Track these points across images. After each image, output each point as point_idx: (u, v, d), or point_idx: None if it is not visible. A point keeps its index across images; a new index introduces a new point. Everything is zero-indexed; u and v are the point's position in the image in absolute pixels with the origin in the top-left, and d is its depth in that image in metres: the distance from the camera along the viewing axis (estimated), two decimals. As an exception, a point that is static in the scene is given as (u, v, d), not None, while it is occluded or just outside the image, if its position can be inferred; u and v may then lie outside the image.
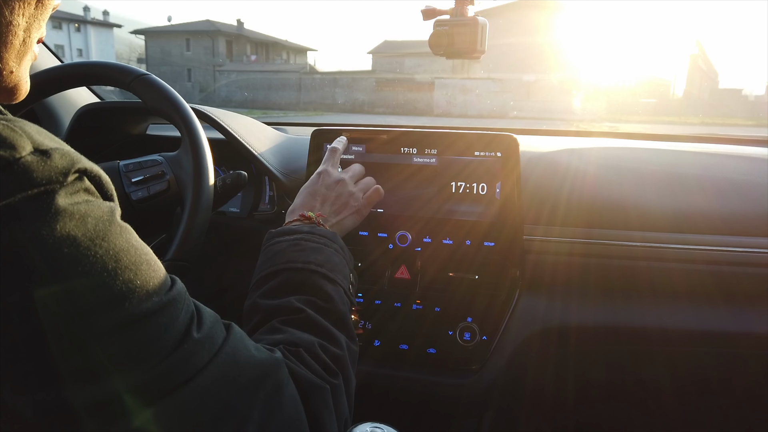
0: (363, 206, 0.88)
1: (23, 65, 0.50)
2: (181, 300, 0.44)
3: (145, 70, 0.90)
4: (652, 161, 1.14)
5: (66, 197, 0.37)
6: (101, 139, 1.18)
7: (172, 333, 0.41)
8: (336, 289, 0.68)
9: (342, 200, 0.86)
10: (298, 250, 0.70)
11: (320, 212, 0.82)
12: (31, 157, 0.36)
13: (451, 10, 0.98)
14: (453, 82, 20.75)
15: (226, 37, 33.20)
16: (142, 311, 0.39)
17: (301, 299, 0.64)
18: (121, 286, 0.39)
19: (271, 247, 0.73)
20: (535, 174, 1.08)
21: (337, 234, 0.77)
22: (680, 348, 1.02)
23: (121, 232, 0.41)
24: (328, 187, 0.86)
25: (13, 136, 0.36)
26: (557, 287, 1.04)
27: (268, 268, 0.69)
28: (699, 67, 25.41)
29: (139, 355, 0.38)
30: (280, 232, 0.75)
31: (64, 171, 0.38)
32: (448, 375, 0.99)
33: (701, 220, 1.01)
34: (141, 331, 0.39)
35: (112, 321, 0.37)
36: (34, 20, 0.48)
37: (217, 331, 0.46)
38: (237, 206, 1.24)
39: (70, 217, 0.37)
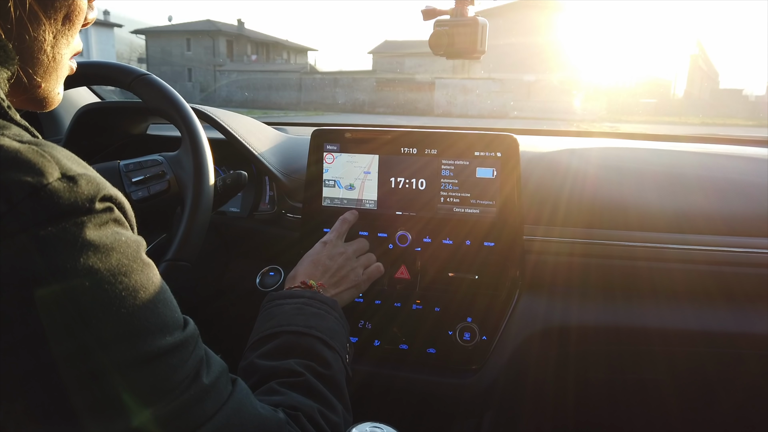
0: (362, 282, 0.91)
1: (53, 79, 0.51)
2: (193, 342, 0.44)
3: (145, 70, 0.90)
4: (653, 161, 1.14)
5: (94, 229, 0.37)
6: (102, 138, 1.18)
7: (182, 375, 0.41)
8: (335, 356, 0.68)
9: (342, 273, 0.88)
10: (300, 314, 0.71)
11: (321, 282, 0.83)
12: (58, 183, 0.36)
13: (451, 11, 0.98)
14: (453, 82, 20.75)
15: (227, 36, 33.20)
16: (155, 350, 0.39)
17: (300, 363, 0.64)
18: (136, 323, 0.38)
19: (272, 309, 0.73)
20: (536, 174, 1.08)
21: (337, 303, 0.78)
22: (681, 348, 1.02)
23: (143, 269, 0.41)
24: (332, 258, 0.88)
25: (42, 162, 0.36)
26: (557, 287, 1.04)
27: (268, 329, 0.69)
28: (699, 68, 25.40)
29: (147, 395, 0.38)
30: (281, 295, 0.76)
31: (91, 198, 0.38)
32: (448, 375, 0.99)
33: (702, 220, 1.01)
34: (151, 370, 0.39)
35: (124, 358, 0.37)
36: (62, 36, 0.49)
37: (224, 382, 0.46)
38: (237, 206, 1.24)
39: (95, 250, 0.37)
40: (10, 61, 0.44)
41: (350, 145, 1.08)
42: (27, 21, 0.45)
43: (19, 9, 0.44)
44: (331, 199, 1.09)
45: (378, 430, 0.75)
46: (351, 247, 0.94)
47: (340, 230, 0.96)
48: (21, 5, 0.44)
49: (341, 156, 1.08)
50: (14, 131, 0.39)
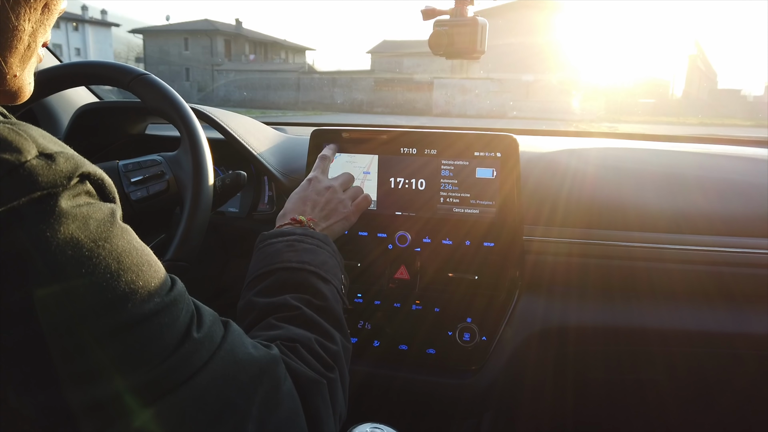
0: (351, 213, 0.90)
1: (27, 69, 0.51)
2: (182, 300, 0.45)
3: (144, 70, 0.89)
4: (651, 162, 1.14)
5: (68, 200, 0.37)
6: (100, 138, 1.17)
7: (173, 333, 0.41)
8: (330, 288, 0.69)
9: (331, 206, 0.87)
10: (293, 251, 0.71)
11: (311, 216, 0.83)
12: (36, 161, 0.36)
13: (450, 11, 0.98)
14: (452, 82, 20.75)
15: (225, 36, 33.17)
16: (144, 312, 0.40)
17: (296, 297, 0.65)
18: (123, 287, 0.39)
19: (265, 248, 0.74)
20: (535, 174, 1.08)
21: (328, 237, 0.79)
22: (679, 348, 1.02)
23: (122, 234, 0.41)
24: (319, 192, 0.88)
25: (19, 140, 0.36)
26: (556, 288, 1.04)
27: (263, 267, 0.70)
28: (698, 68, 25.44)
29: (141, 355, 0.39)
30: (273, 234, 0.76)
31: (68, 175, 0.38)
32: (447, 375, 0.99)
33: (700, 220, 1.01)
34: (143, 332, 0.39)
35: (114, 322, 0.38)
36: (39, 25, 0.49)
37: (216, 330, 0.47)
38: (236, 206, 1.24)
39: (72, 220, 0.37)
40: None
41: (350, 145, 1.08)
42: (9, 9, 0.44)
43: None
44: (331, 199, 1.08)
45: (378, 430, 0.75)
46: (337, 180, 0.92)
47: (322, 167, 0.95)
48: None
49: (341, 156, 1.08)
50: None
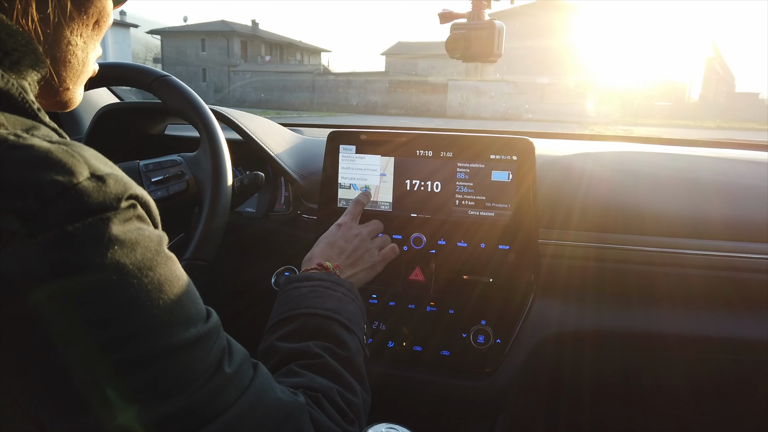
0: (378, 262, 0.91)
1: (79, 82, 0.52)
2: (216, 333, 0.45)
3: (164, 72, 0.91)
4: (669, 166, 1.14)
5: (119, 225, 0.38)
6: (121, 138, 1.19)
7: (205, 366, 0.42)
8: (352, 337, 0.69)
9: (358, 254, 0.88)
10: (318, 297, 0.72)
11: (337, 263, 0.84)
12: (87, 182, 0.37)
13: (467, 14, 0.99)
14: (467, 84, 20.71)
15: (241, 37, 33.40)
16: (179, 342, 0.40)
17: (320, 345, 0.64)
18: (162, 315, 0.39)
19: (290, 292, 0.74)
20: (550, 177, 1.08)
21: (353, 285, 0.79)
22: (699, 354, 1.01)
23: (166, 262, 0.42)
24: (347, 239, 0.89)
25: (72, 162, 0.37)
26: (572, 291, 1.03)
27: (287, 312, 0.70)
28: (715, 71, 25.13)
29: (171, 385, 0.39)
30: (298, 278, 0.77)
31: (118, 196, 0.38)
32: (461, 377, 0.99)
33: (721, 225, 1.00)
34: (176, 361, 0.39)
35: (150, 350, 0.38)
36: (90, 40, 0.51)
37: (245, 368, 0.47)
38: (253, 207, 1.25)
39: (120, 245, 0.38)
40: (40, 65, 0.45)
41: (366, 147, 1.08)
42: (65, 26, 0.46)
43: (58, 14, 0.45)
44: (347, 200, 1.09)
45: (393, 430, 0.75)
46: (366, 228, 0.94)
47: (353, 212, 0.96)
48: (61, 11, 0.45)
49: (357, 158, 1.09)
50: (43, 132, 0.40)
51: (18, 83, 0.42)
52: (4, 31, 0.41)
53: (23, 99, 0.41)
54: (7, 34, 0.41)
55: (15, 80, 0.42)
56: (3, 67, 0.41)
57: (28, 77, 0.44)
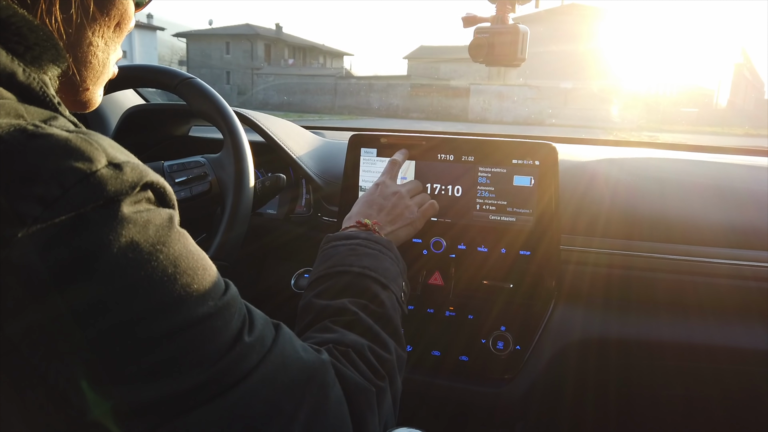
0: (417, 219, 0.91)
1: (99, 83, 0.54)
2: (234, 303, 0.45)
3: (190, 74, 0.92)
4: (696, 173, 1.12)
5: (130, 206, 0.39)
6: (146, 139, 1.21)
7: (225, 337, 0.42)
8: (389, 295, 0.69)
9: (397, 211, 0.88)
10: (355, 255, 0.72)
11: (376, 220, 0.84)
12: (105, 170, 0.38)
13: (491, 18, 0.98)
14: (489, 88, 20.62)
15: (265, 40, 33.74)
16: (199, 315, 0.40)
17: (354, 302, 0.65)
18: (179, 290, 0.40)
19: (329, 251, 0.75)
20: (573, 183, 1.07)
21: (392, 242, 0.79)
22: (731, 366, 0.98)
23: (179, 238, 0.42)
24: (386, 197, 0.89)
25: (90, 150, 0.38)
26: (596, 299, 1.02)
27: (325, 269, 0.71)
28: (744, 77, 24.65)
29: (193, 358, 0.39)
30: (337, 237, 0.77)
31: (134, 183, 0.39)
32: (480, 383, 0.98)
33: (752, 234, 0.98)
34: (196, 334, 0.40)
35: (168, 324, 0.39)
36: (111, 42, 0.52)
37: (267, 333, 0.47)
38: (274, 208, 1.26)
39: (133, 224, 0.38)
40: (61, 59, 0.46)
41: (387, 150, 1.08)
42: (87, 26, 0.47)
43: (81, 15, 0.46)
44: (367, 203, 1.09)
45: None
46: (404, 187, 0.94)
47: (391, 172, 0.96)
48: (84, 11, 0.46)
49: (378, 161, 1.09)
50: (61, 122, 0.41)
51: (39, 77, 0.43)
52: (26, 26, 0.42)
53: (44, 93, 0.42)
54: (29, 29, 0.42)
55: (36, 74, 0.42)
56: (25, 61, 0.42)
57: (49, 72, 0.45)
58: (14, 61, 0.41)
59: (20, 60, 0.42)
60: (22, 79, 0.41)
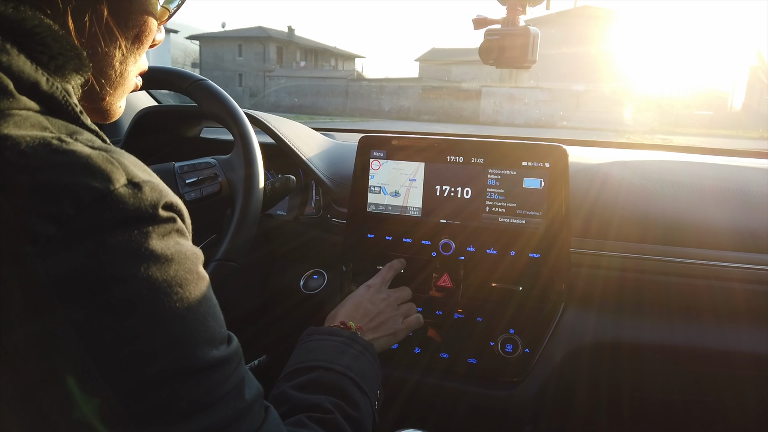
0: (401, 330, 0.92)
1: (117, 94, 0.53)
2: (237, 359, 0.45)
3: (201, 76, 0.93)
4: (711, 176, 1.10)
5: (158, 239, 0.38)
6: (158, 140, 1.22)
7: (223, 391, 0.41)
8: (364, 400, 0.68)
9: (382, 318, 0.89)
10: (338, 353, 0.72)
11: (360, 324, 0.85)
12: (123, 189, 0.37)
13: (502, 20, 0.98)
14: (500, 90, 20.55)
15: (277, 43, 33.88)
16: (202, 363, 0.40)
17: (332, 402, 0.64)
18: (187, 335, 0.39)
19: (310, 343, 0.75)
20: (586, 186, 1.06)
21: (374, 347, 0.79)
22: (746, 371, 0.97)
23: (197, 282, 0.42)
24: (373, 302, 0.91)
25: (110, 168, 0.37)
26: (608, 302, 1.01)
27: (304, 362, 0.70)
28: (759, 79, 24.32)
29: (188, 408, 0.39)
30: (321, 331, 0.78)
31: (153, 204, 0.39)
32: (488, 386, 0.98)
33: (766, 238, 0.96)
34: (198, 382, 0.39)
35: (173, 368, 0.38)
36: (130, 54, 0.51)
37: (259, 406, 0.46)
38: (284, 209, 1.26)
39: (156, 260, 0.38)
40: (84, 69, 0.46)
41: (397, 152, 1.08)
42: (101, 36, 0.47)
43: (95, 24, 0.46)
44: (376, 205, 1.09)
45: (420, 437, 0.75)
46: (394, 294, 0.95)
47: (385, 276, 0.98)
48: (98, 21, 0.46)
49: (387, 163, 1.09)
50: (86, 137, 0.41)
51: (62, 86, 0.43)
52: (50, 35, 0.42)
53: (66, 102, 0.42)
54: (53, 38, 0.42)
55: (59, 83, 0.42)
56: (48, 71, 0.42)
57: (72, 81, 0.45)
58: (38, 70, 0.41)
59: (44, 69, 0.42)
60: (46, 89, 0.41)
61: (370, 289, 0.93)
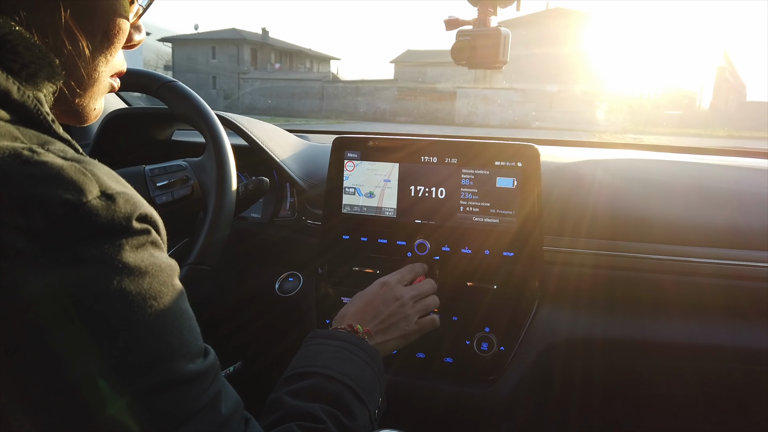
0: (413, 332, 0.87)
1: (88, 95, 0.51)
2: (213, 372, 0.44)
3: (172, 78, 0.92)
4: (679, 174, 1.13)
5: (132, 252, 0.38)
6: (128, 143, 1.20)
7: (199, 405, 0.41)
8: (362, 409, 0.67)
9: (393, 320, 0.85)
10: (338, 359, 0.70)
11: (368, 328, 0.81)
12: (96, 201, 0.36)
13: (473, 21, 0.98)
14: (475, 91, 20.72)
15: (251, 45, 33.64)
16: (177, 377, 0.39)
17: (326, 410, 0.62)
18: (161, 348, 0.38)
19: (312, 347, 0.72)
20: (559, 185, 1.07)
21: (378, 354, 0.76)
22: (712, 364, 1.00)
23: (172, 294, 0.41)
24: (386, 302, 0.86)
25: (83, 180, 0.37)
26: (582, 299, 1.02)
27: (303, 367, 0.68)
28: (726, 80, 25.00)
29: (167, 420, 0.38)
30: (324, 335, 0.75)
31: (127, 216, 0.38)
32: (464, 385, 0.98)
33: (733, 234, 0.99)
34: (172, 396, 0.39)
35: (147, 382, 0.37)
36: (99, 55, 0.49)
37: (237, 419, 0.45)
38: (258, 212, 1.25)
39: (129, 273, 0.37)
40: (56, 77, 0.44)
41: (371, 153, 1.08)
42: (65, 38, 0.45)
43: (57, 24, 0.44)
44: (351, 206, 1.09)
45: (397, 438, 0.74)
46: (409, 292, 0.90)
47: (403, 275, 0.93)
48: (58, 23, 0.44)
49: (362, 164, 1.09)
50: (58, 147, 0.40)
51: (34, 95, 0.42)
52: (21, 43, 0.41)
53: (38, 111, 0.42)
54: (24, 46, 0.41)
55: (31, 92, 0.42)
56: (19, 79, 0.41)
57: (44, 89, 0.44)
58: (9, 79, 0.40)
59: (15, 78, 0.41)
60: (17, 98, 0.40)
61: (383, 288, 0.88)
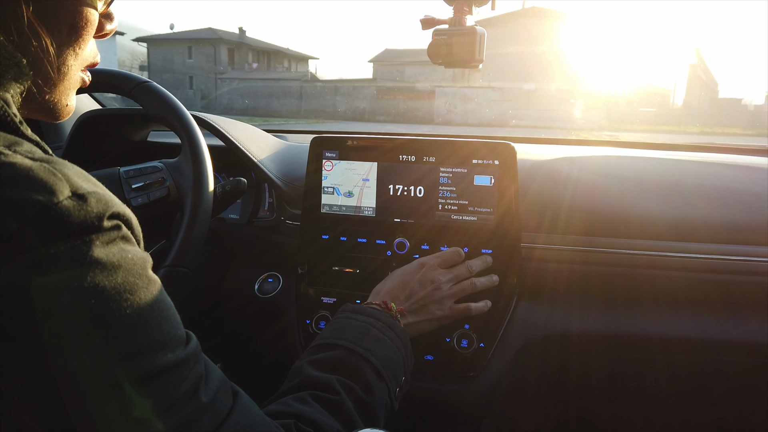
0: (445, 316, 0.89)
1: (58, 91, 0.50)
2: (194, 358, 0.44)
3: (146, 78, 0.90)
4: (653, 170, 1.15)
5: (102, 247, 0.37)
6: (102, 145, 1.18)
7: (180, 393, 0.41)
8: (381, 386, 0.67)
9: (426, 302, 0.86)
10: (363, 333, 0.71)
11: (402, 307, 0.82)
12: (68, 201, 0.36)
13: (449, 20, 0.99)
14: (453, 90, 20.82)
15: (228, 45, 33.33)
16: (157, 367, 0.39)
17: (342, 382, 0.63)
18: (139, 340, 0.38)
19: (342, 320, 0.74)
20: (536, 182, 1.08)
21: (407, 334, 0.77)
22: (682, 356, 1.02)
23: (148, 286, 0.41)
24: (422, 284, 0.87)
25: (53, 180, 0.36)
26: (558, 294, 1.04)
27: (329, 338, 0.69)
28: (699, 77, 25.49)
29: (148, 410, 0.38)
30: (355, 309, 0.76)
31: (99, 215, 0.38)
32: (445, 382, 0.99)
33: (702, 228, 1.01)
34: (153, 386, 0.39)
35: (126, 375, 0.37)
36: (67, 48, 0.48)
37: (223, 398, 0.46)
38: (237, 213, 1.24)
39: (101, 269, 0.37)
40: (24, 77, 0.44)
41: (349, 152, 1.08)
42: (28, 32, 0.44)
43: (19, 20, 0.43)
44: (330, 206, 1.09)
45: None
46: (446, 275, 0.90)
47: (444, 257, 0.93)
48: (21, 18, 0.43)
49: (340, 163, 1.08)
50: (26, 148, 0.39)
51: (1, 97, 0.41)
52: None
53: (5, 112, 0.41)
54: None
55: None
56: None
57: (11, 90, 0.43)
58: None
59: None
60: None
61: (422, 268, 0.89)
